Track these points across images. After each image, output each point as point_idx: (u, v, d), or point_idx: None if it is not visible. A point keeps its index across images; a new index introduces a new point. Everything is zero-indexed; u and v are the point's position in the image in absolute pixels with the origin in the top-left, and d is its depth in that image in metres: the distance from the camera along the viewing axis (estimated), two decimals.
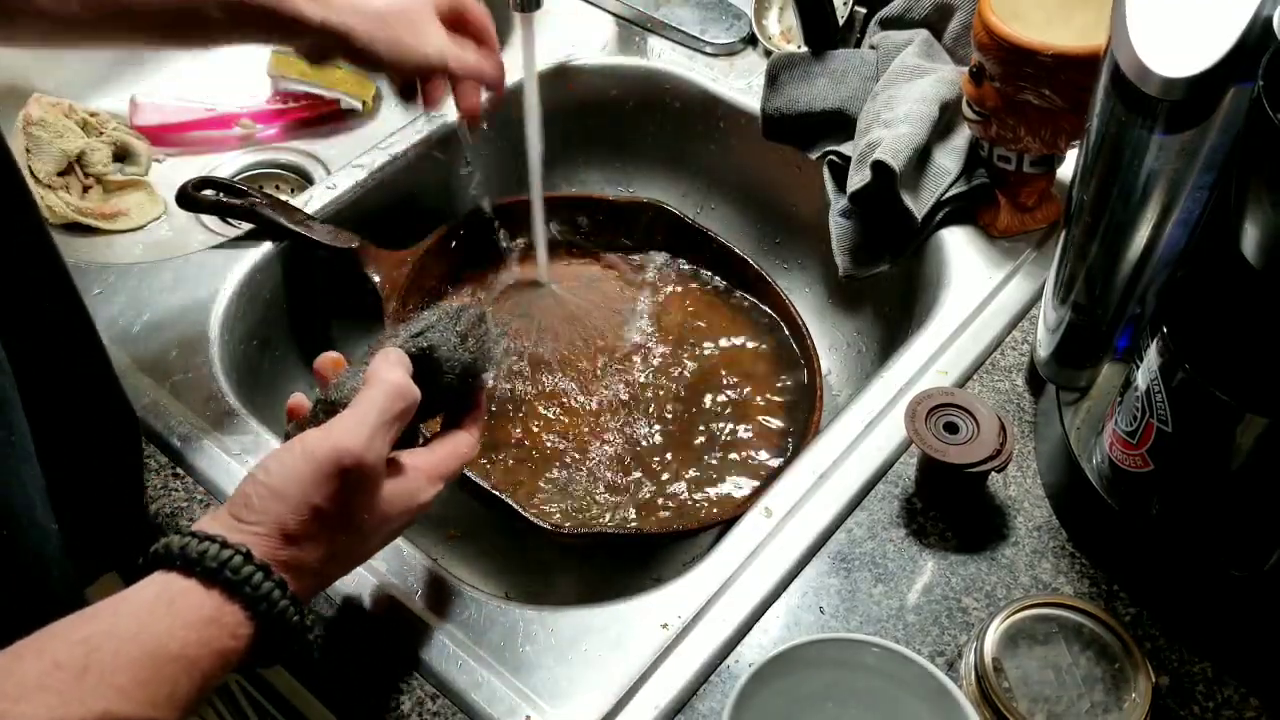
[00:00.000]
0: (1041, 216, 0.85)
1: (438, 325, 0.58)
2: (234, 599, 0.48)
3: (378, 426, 0.53)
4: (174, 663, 0.46)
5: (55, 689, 0.42)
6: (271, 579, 0.49)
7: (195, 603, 0.48)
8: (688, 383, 0.91)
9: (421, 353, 0.57)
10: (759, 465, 0.85)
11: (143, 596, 0.48)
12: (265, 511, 0.51)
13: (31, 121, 1.00)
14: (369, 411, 0.53)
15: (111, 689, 0.43)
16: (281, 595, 0.49)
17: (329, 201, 0.91)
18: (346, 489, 0.51)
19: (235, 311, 0.83)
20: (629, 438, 0.87)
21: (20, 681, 0.42)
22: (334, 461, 0.51)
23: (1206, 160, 0.55)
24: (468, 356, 0.59)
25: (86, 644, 0.44)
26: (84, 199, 1.02)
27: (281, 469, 0.51)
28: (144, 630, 0.46)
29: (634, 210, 0.99)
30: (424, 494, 0.56)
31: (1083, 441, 0.68)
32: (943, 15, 0.93)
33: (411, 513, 0.56)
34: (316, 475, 0.51)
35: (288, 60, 1.15)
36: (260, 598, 0.49)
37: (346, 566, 0.56)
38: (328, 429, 0.52)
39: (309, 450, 0.51)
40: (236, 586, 0.48)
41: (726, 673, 0.63)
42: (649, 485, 0.84)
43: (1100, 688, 0.58)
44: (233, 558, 0.48)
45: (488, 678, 0.62)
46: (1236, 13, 0.49)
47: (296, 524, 0.51)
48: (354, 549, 0.55)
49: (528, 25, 0.85)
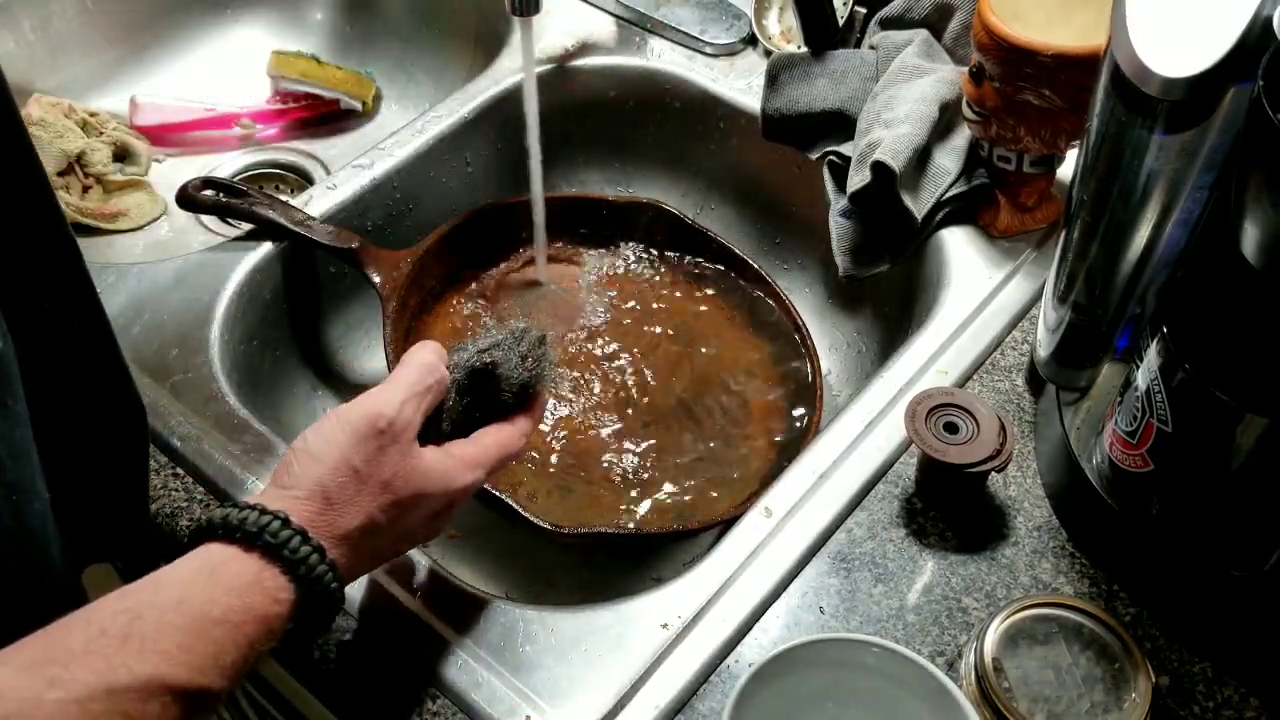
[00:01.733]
0: (1041, 216, 0.85)
1: (502, 344, 0.61)
2: (273, 562, 0.49)
3: (407, 395, 0.56)
4: (217, 627, 0.47)
5: (101, 654, 0.44)
6: (309, 543, 0.50)
7: (236, 569, 0.49)
8: (688, 383, 0.91)
9: (485, 368, 0.60)
10: (759, 465, 0.85)
11: (185, 567, 0.49)
12: (305, 474, 0.53)
13: (31, 121, 1.00)
14: (399, 381, 0.56)
15: (156, 654, 0.44)
16: (320, 560, 0.51)
17: (329, 201, 0.91)
18: (381, 449, 0.54)
19: (235, 311, 0.83)
20: (629, 438, 0.87)
21: (68, 648, 0.44)
22: (369, 422, 0.54)
23: (1206, 160, 0.55)
24: (525, 375, 0.61)
25: (130, 612, 0.46)
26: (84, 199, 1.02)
27: (319, 436, 0.54)
28: (186, 598, 0.47)
29: (634, 210, 0.99)
30: (461, 478, 0.57)
31: (1083, 441, 0.68)
32: (943, 15, 0.93)
33: (449, 495, 0.57)
34: (353, 437, 0.53)
35: (288, 60, 1.15)
36: (299, 560, 0.50)
37: (384, 544, 0.56)
38: (360, 398, 0.56)
39: (343, 417, 0.54)
40: (275, 550, 0.49)
41: (726, 673, 0.63)
42: (649, 485, 0.84)
43: (1100, 688, 0.58)
44: (271, 522, 0.50)
45: (488, 678, 0.62)
46: (1236, 13, 0.49)
47: (335, 485, 0.53)
48: (393, 523, 0.55)
49: (526, 28, 0.85)
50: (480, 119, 0.99)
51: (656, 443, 0.87)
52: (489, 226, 0.96)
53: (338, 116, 1.16)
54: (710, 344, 0.94)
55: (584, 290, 0.97)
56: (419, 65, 1.22)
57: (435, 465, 0.56)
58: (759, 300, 0.95)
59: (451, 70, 1.18)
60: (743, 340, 0.94)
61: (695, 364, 0.92)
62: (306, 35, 1.24)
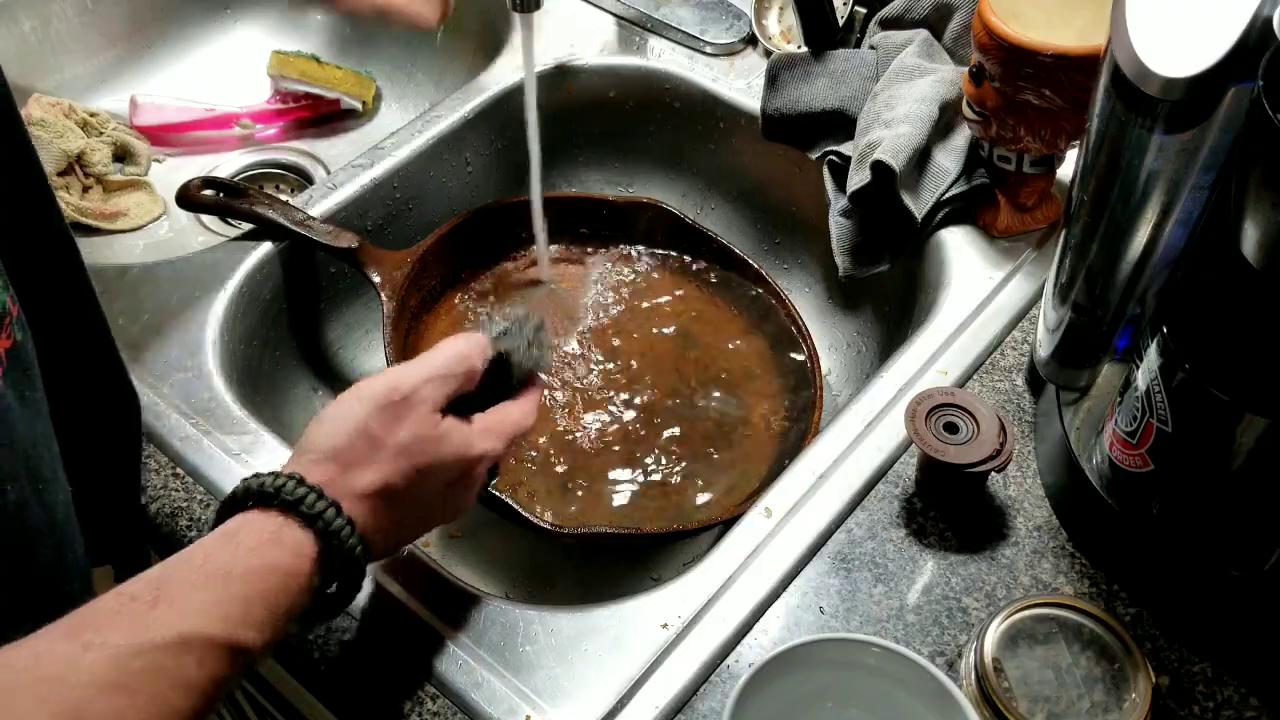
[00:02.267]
0: (1041, 216, 0.85)
1: (511, 332, 0.62)
2: (290, 516, 0.51)
3: (430, 375, 0.56)
4: (241, 583, 0.48)
5: (130, 616, 0.45)
6: (324, 499, 0.52)
7: (256, 528, 0.51)
8: (688, 382, 0.91)
9: (500, 357, 0.61)
10: (759, 465, 0.85)
11: (208, 537, 0.51)
12: (321, 439, 0.54)
13: (31, 121, 1.00)
14: (426, 361, 0.57)
15: (184, 613, 0.46)
16: (337, 514, 0.52)
17: (329, 201, 0.91)
18: (397, 417, 0.55)
19: (235, 311, 0.83)
20: (629, 437, 0.87)
21: (100, 615, 0.45)
22: (386, 393, 0.55)
23: (1206, 160, 0.55)
24: (532, 360, 0.63)
25: (157, 579, 0.47)
26: (84, 199, 1.02)
27: (337, 408, 0.56)
28: (210, 559, 0.49)
29: (634, 210, 0.99)
30: (478, 444, 0.58)
31: (1083, 441, 0.68)
32: (943, 15, 0.93)
33: (465, 462, 0.57)
34: (370, 406, 0.55)
35: (288, 60, 1.15)
36: (315, 515, 0.51)
37: (403, 513, 0.56)
38: (384, 373, 0.57)
39: (362, 390, 0.56)
40: (292, 505, 0.51)
41: (726, 673, 0.63)
42: (649, 485, 0.84)
43: (1100, 688, 0.58)
44: (285, 482, 0.51)
45: (488, 678, 0.62)
46: (1236, 13, 0.49)
47: (350, 448, 0.54)
48: (411, 488, 0.55)
49: (527, 26, 0.85)
50: (480, 119, 0.99)
51: (657, 443, 0.87)
52: (489, 226, 0.96)
53: (338, 116, 1.16)
54: (710, 343, 0.94)
55: (584, 290, 0.97)
56: (419, 65, 1.22)
57: (451, 431, 0.57)
58: (759, 299, 0.95)
59: (451, 70, 1.18)
60: (743, 340, 0.94)
61: (695, 364, 0.92)
62: (306, 35, 1.24)
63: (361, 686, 0.63)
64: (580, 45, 1.05)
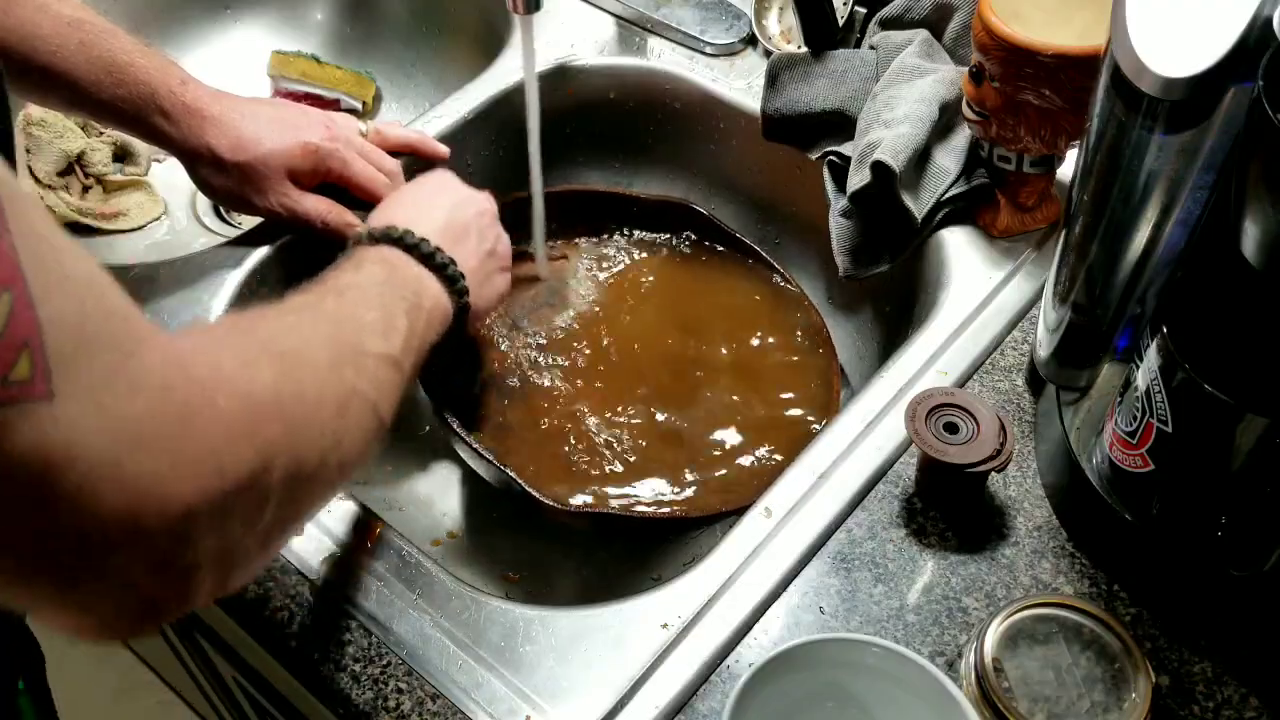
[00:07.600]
0: (1041, 216, 0.85)
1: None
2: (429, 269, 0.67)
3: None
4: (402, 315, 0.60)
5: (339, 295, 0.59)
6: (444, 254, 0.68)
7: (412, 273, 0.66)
8: (695, 373, 0.91)
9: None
10: (769, 456, 0.85)
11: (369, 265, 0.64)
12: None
13: (31, 121, 1.00)
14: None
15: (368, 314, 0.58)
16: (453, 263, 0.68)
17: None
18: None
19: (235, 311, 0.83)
20: (638, 429, 0.87)
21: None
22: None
23: (1206, 160, 0.55)
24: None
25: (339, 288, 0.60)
26: (84, 199, 1.02)
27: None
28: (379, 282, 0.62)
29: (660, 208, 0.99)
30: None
31: (1083, 441, 0.68)
32: (943, 15, 0.93)
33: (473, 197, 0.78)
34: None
35: (288, 60, 1.15)
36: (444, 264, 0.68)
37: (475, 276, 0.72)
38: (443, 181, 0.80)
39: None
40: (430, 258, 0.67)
41: (726, 673, 0.63)
42: (658, 475, 0.84)
43: (1100, 688, 0.58)
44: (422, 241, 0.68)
45: (488, 678, 0.62)
46: (1236, 13, 0.49)
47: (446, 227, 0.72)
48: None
49: (527, 26, 0.85)
50: (480, 119, 0.99)
51: (666, 432, 0.87)
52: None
53: None
54: (721, 333, 0.93)
55: (585, 282, 0.97)
56: (419, 65, 1.22)
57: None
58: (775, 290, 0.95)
59: (451, 70, 1.18)
60: (754, 330, 0.94)
61: (702, 353, 0.92)
62: (306, 35, 1.24)
63: (361, 686, 0.63)
64: (580, 45, 1.05)
